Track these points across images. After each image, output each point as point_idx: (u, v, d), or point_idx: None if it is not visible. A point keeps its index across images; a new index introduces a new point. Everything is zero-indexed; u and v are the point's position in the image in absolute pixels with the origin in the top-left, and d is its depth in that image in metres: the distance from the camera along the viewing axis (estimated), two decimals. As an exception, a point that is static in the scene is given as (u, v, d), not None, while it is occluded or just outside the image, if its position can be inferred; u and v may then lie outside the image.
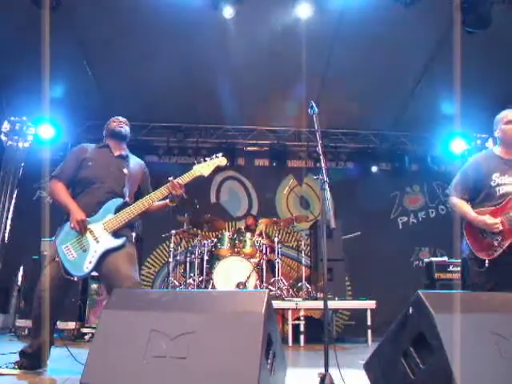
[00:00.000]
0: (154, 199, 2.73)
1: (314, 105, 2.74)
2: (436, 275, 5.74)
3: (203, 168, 2.85)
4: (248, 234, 5.85)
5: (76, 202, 2.70)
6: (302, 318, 4.94)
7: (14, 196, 7.01)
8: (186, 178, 2.80)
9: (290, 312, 4.95)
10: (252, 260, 5.51)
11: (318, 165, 2.52)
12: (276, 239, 5.95)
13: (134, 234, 2.90)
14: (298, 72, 5.62)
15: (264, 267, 5.63)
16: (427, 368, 1.70)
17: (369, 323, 5.07)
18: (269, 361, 1.81)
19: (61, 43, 5.06)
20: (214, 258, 5.75)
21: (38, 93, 5.85)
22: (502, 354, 1.64)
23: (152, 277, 6.99)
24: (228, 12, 4.30)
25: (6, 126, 7.02)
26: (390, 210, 7.54)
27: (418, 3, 4.13)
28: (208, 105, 6.56)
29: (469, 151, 7.70)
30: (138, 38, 5.07)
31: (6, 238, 6.77)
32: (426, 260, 6.34)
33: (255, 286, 5.22)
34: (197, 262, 5.79)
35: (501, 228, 2.65)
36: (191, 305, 1.89)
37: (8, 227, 6.85)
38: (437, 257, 6.58)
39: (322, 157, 2.47)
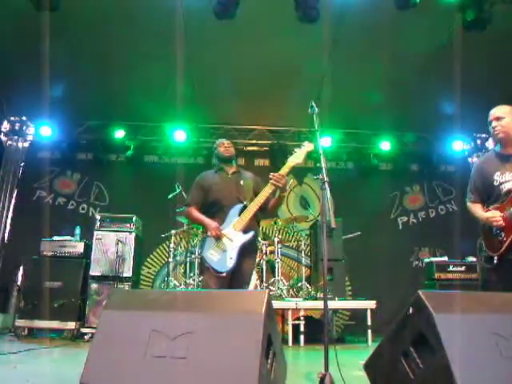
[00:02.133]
0: (265, 196, 3.05)
1: (314, 105, 2.74)
2: (436, 275, 5.75)
3: (296, 157, 3.14)
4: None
5: (212, 218, 3.16)
6: (301, 318, 4.94)
7: (14, 196, 7.01)
8: (285, 169, 3.13)
9: (289, 312, 4.95)
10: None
11: (318, 165, 2.53)
12: (276, 239, 5.95)
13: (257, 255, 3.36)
14: (298, 72, 5.63)
15: (264, 267, 5.63)
16: (427, 368, 1.70)
17: (369, 323, 5.07)
18: (269, 361, 1.81)
19: (60, 43, 5.06)
20: (214, 258, 5.74)
21: (38, 93, 5.86)
22: (502, 353, 1.64)
23: (152, 277, 6.99)
24: (227, 14, 4.28)
25: (5, 125, 7.02)
26: (389, 210, 7.54)
27: (418, 3, 4.12)
28: (208, 105, 6.56)
29: (469, 151, 7.72)
30: (138, 38, 5.07)
31: (6, 238, 6.77)
32: (426, 260, 6.34)
33: (255, 286, 5.22)
34: (197, 262, 5.78)
35: (501, 223, 2.68)
36: (191, 305, 1.89)
37: (8, 227, 6.85)
38: (436, 257, 6.58)
39: (321, 157, 2.47)
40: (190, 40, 5.13)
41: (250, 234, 3.03)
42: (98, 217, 5.70)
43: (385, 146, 7.25)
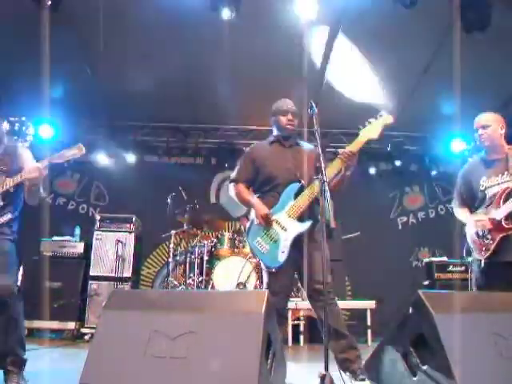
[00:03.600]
0: (330, 175, 2.63)
1: (313, 105, 2.73)
2: (436, 275, 5.75)
3: (370, 131, 2.71)
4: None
5: (264, 199, 2.75)
6: (301, 318, 4.94)
7: (14, 196, 6.99)
8: (355, 146, 2.69)
9: (289, 312, 4.95)
10: (252, 260, 5.51)
11: (317, 165, 2.49)
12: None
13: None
14: (298, 72, 5.62)
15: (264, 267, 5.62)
16: (427, 368, 1.70)
17: (369, 323, 5.08)
18: (269, 361, 1.81)
19: (61, 43, 5.05)
20: (214, 258, 5.74)
21: (38, 93, 5.85)
22: (501, 353, 1.64)
23: (152, 277, 6.99)
24: (226, 14, 4.28)
25: (5, 125, 7.00)
26: (389, 210, 7.54)
27: (418, 3, 4.12)
28: (208, 105, 6.56)
29: (469, 151, 7.71)
30: (138, 38, 5.07)
31: (6, 238, 6.75)
32: (426, 260, 6.35)
33: (255, 286, 5.22)
34: (197, 262, 5.78)
35: (488, 226, 2.74)
36: (191, 305, 1.89)
37: (8, 227, 6.83)
38: (436, 257, 6.58)
39: (321, 157, 2.46)
40: (189, 40, 5.13)
41: (307, 224, 2.59)
42: (97, 217, 5.71)
43: (385, 145, 7.24)
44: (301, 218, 2.60)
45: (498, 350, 1.64)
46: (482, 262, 2.78)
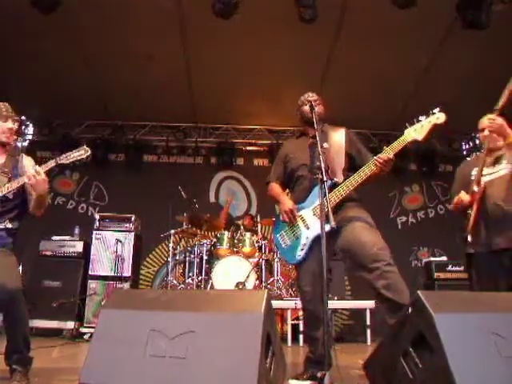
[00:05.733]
0: (361, 178, 2.55)
1: (313, 105, 2.73)
2: (435, 275, 5.75)
3: (416, 131, 2.53)
4: (247, 234, 5.84)
5: (291, 194, 2.73)
6: (301, 318, 4.94)
7: (13, 195, 6.99)
8: (395, 146, 2.50)
9: (289, 312, 4.95)
10: (251, 260, 5.51)
11: (317, 164, 2.44)
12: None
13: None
14: (298, 71, 5.63)
15: (263, 267, 5.63)
16: (426, 368, 1.70)
17: (368, 323, 5.07)
18: (268, 360, 1.81)
19: (60, 43, 5.06)
20: (213, 257, 5.74)
21: (38, 93, 5.85)
22: (501, 353, 1.64)
23: (151, 276, 6.99)
24: None
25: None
26: (389, 210, 7.54)
27: (418, 2, 4.12)
28: (207, 105, 6.56)
29: (468, 151, 7.72)
30: (138, 37, 5.07)
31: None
32: (425, 260, 6.34)
33: (254, 286, 5.22)
34: (196, 261, 5.78)
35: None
36: (191, 305, 1.89)
37: (7, 227, 6.82)
38: (435, 257, 6.58)
39: (321, 156, 2.46)
40: (189, 39, 5.13)
41: (328, 227, 2.32)
42: (97, 216, 5.70)
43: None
44: (326, 218, 2.38)
45: (497, 349, 1.64)
46: (468, 236, 2.79)
